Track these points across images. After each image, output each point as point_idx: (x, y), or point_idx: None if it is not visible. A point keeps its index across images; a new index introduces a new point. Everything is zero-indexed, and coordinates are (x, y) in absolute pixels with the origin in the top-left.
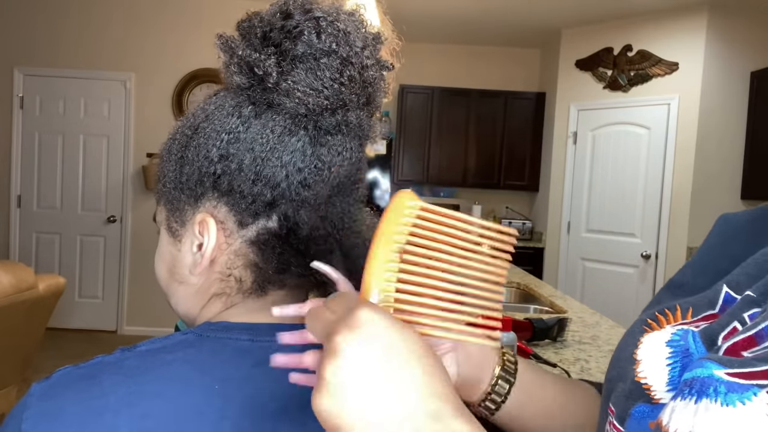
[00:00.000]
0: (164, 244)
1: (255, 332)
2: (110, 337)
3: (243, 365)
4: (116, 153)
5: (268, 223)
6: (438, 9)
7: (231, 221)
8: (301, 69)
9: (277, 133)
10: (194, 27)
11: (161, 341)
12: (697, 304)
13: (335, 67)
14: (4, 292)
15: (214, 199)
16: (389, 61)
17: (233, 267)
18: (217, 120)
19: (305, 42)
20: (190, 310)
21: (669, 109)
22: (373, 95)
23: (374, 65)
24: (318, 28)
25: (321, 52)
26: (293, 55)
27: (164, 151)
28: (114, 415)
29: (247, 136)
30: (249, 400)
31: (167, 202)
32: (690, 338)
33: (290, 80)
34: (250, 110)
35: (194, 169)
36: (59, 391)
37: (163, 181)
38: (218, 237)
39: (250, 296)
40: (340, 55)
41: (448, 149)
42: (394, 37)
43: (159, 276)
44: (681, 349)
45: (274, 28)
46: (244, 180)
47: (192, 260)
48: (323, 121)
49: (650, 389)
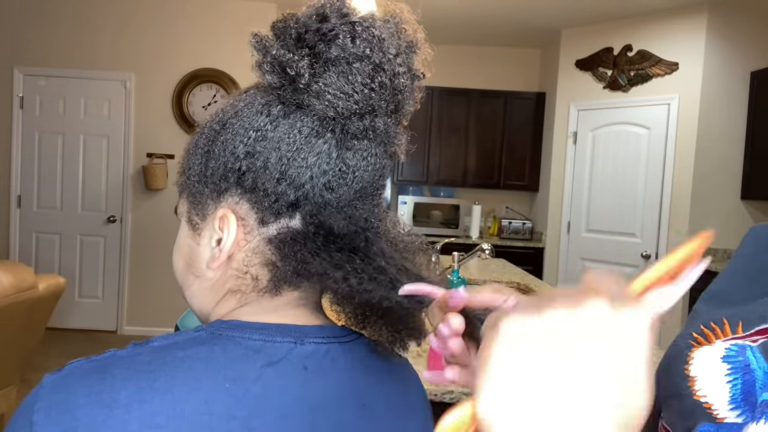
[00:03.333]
0: (183, 237)
1: (267, 332)
2: (110, 337)
3: (254, 365)
4: (116, 153)
5: (290, 223)
6: (438, 9)
7: (252, 218)
8: (333, 72)
9: (304, 134)
10: (194, 27)
11: (174, 337)
12: (746, 318)
13: (367, 73)
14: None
15: (237, 196)
16: (421, 70)
17: (250, 264)
18: (246, 117)
19: (339, 45)
20: (203, 305)
21: (669, 109)
22: (402, 103)
23: (406, 73)
24: (353, 32)
25: (354, 56)
26: (326, 58)
27: (191, 144)
28: (124, 411)
29: (274, 135)
30: (259, 400)
31: (190, 194)
32: (749, 353)
33: (321, 82)
34: (279, 110)
35: (220, 164)
36: (71, 384)
37: (188, 174)
38: (237, 233)
39: (264, 295)
40: (372, 60)
41: (448, 149)
42: (427, 47)
43: (176, 268)
44: (741, 365)
45: (310, 30)
46: (268, 178)
47: (210, 254)
48: (351, 126)
49: (711, 408)
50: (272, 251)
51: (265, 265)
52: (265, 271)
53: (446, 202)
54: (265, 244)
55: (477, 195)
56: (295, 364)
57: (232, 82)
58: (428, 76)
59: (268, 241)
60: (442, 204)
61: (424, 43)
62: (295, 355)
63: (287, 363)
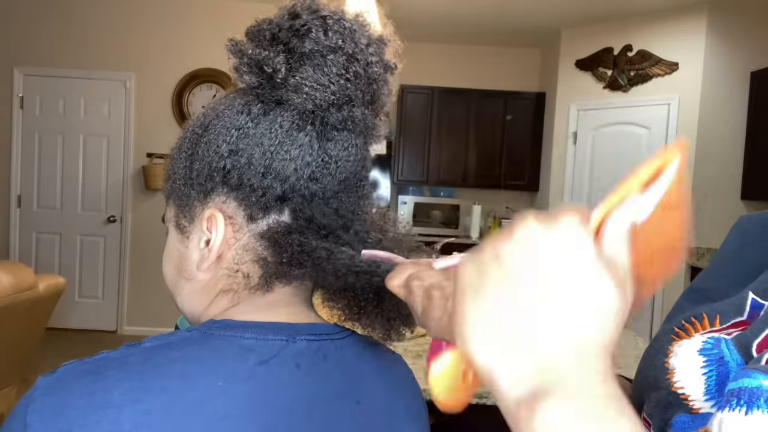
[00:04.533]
0: (172, 242)
1: (259, 331)
2: (110, 337)
3: (246, 363)
4: (116, 153)
5: (280, 217)
6: (438, 9)
7: (240, 216)
8: (309, 65)
9: (285, 128)
10: (194, 27)
11: (166, 338)
12: (724, 311)
13: (341, 63)
14: (4, 292)
15: (224, 194)
16: (392, 61)
17: (241, 262)
18: (227, 117)
19: (313, 39)
20: (195, 308)
21: (669, 109)
22: (378, 93)
23: (378, 62)
24: (325, 25)
25: (328, 48)
26: (301, 52)
27: (174, 149)
28: (117, 411)
29: (256, 132)
30: (252, 398)
31: (176, 198)
32: (723, 346)
33: (298, 76)
34: (259, 108)
35: (204, 165)
36: (64, 386)
37: (173, 179)
38: (226, 232)
39: (256, 293)
40: (346, 51)
41: (448, 149)
42: (397, 39)
43: (166, 275)
44: (715, 357)
45: (282, 28)
46: (253, 173)
47: (199, 256)
48: (330, 117)
49: (688, 399)
50: (263, 246)
51: (256, 261)
52: (256, 268)
53: (446, 202)
54: (256, 240)
55: (477, 195)
56: (287, 362)
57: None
58: (400, 68)
59: (259, 237)
60: (442, 204)
61: (393, 36)
62: (288, 353)
63: (279, 361)
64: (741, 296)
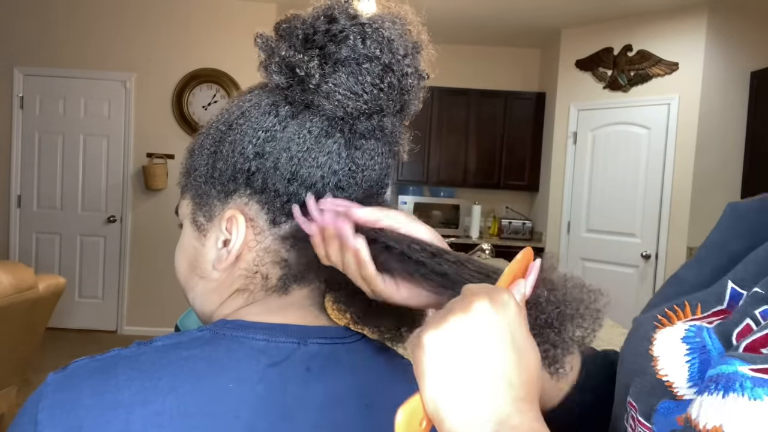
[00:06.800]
0: (187, 238)
1: (271, 332)
2: (110, 337)
3: (258, 365)
4: (116, 153)
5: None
6: (438, 9)
7: (262, 219)
8: (343, 72)
9: (314, 134)
10: (194, 27)
11: (177, 337)
12: (704, 300)
13: (376, 73)
14: (4, 292)
15: (246, 196)
16: (425, 70)
17: (261, 264)
18: (254, 117)
19: (350, 46)
20: (207, 306)
21: (669, 109)
22: (408, 103)
23: (413, 74)
24: (363, 33)
25: (364, 57)
26: (336, 59)
27: (195, 145)
28: (128, 411)
29: (283, 136)
30: (262, 400)
31: (195, 195)
32: (705, 334)
33: (331, 83)
34: (287, 110)
35: (228, 165)
36: (75, 383)
37: (194, 175)
38: (247, 234)
39: (272, 294)
40: (382, 61)
41: (448, 149)
42: (431, 47)
43: (178, 270)
44: (697, 345)
45: (318, 31)
46: (279, 179)
47: (216, 255)
48: (359, 125)
49: (672, 386)
50: (286, 249)
51: (277, 263)
52: (276, 269)
53: (446, 202)
54: (279, 242)
55: (477, 195)
56: (298, 365)
57: (232, 83)
58: (432, 77)
59: (282, 240)
60: (442, 204)
61: (427, 44)
62: (299, 355)
63: (290, 364)
64: (721, 285)
